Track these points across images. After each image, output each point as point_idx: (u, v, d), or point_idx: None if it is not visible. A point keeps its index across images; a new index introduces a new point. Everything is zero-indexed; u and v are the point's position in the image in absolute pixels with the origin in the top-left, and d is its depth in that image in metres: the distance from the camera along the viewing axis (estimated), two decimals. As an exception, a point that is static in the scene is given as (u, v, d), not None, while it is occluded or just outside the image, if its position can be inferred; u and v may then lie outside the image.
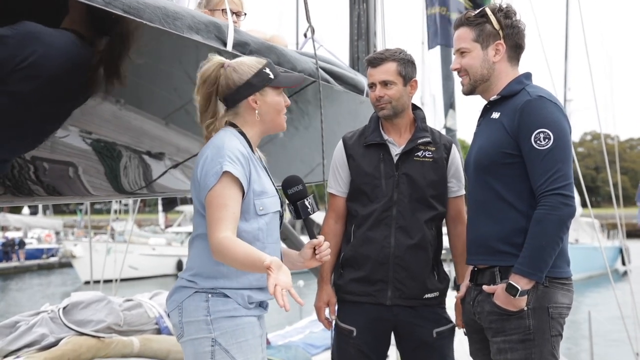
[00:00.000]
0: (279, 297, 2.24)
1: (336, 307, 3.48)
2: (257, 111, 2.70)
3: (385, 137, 3.38)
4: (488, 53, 3.00)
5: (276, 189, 2.78)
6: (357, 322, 3.35)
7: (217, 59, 2.72)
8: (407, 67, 3.37)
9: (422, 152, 3.36)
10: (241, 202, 2.59)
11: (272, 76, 2.71)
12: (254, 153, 2.73)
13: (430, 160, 3.36)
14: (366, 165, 3.36)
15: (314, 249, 2.75)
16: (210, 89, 2.69)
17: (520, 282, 2.80)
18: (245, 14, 3.82)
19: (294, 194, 2.78)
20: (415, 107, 3.48)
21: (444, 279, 3.42)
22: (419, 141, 3.36)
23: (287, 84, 2.77)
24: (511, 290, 2.81)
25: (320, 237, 2.77)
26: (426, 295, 3.34)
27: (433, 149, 3.38)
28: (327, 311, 3.47)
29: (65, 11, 2.34)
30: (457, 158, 3.47)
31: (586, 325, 8.45)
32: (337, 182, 3.45)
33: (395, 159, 3.35)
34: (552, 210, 2.77)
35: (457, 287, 3.42)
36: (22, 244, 34.27)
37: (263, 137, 2.86)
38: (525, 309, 2.85)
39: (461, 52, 3.04)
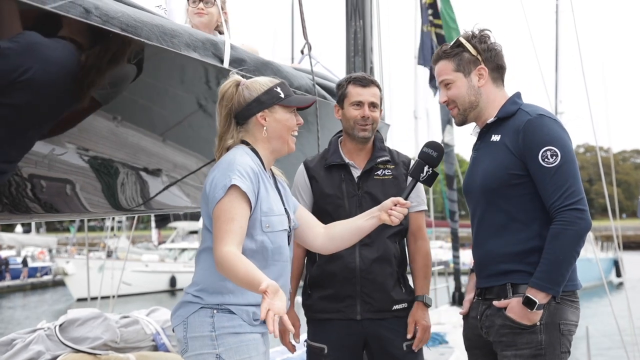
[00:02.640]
0: (269, 323, 2.23)
1: (301, 330, 3.50)
2: (265, 127, 2.73)
3: (346, 159, 3.44)
4: (472, 79, 3.02)
5: (285, 209, 2.78)
6: (327, 339, 3.38)
7: (234, 77, 2.77)
8: (381, 96, 3.49)
9: (381, 170, 3.43)
10: (249, 217, 2.60)
11: (282, 95, 2.75)
12: (266, 171, 2.75)
13: (390, 177, 3.43)
14: (328, 186, 3.42)
15: (395, 205, 2.92)
16: (228, 106, 2.72)
17: (538, 296, 2.80)
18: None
19: (426, 154, 3.04)
20: None
21: (410, 291, 3.46)
22: (378, 160, 3.43)
23: (295, 103, 2.79)
24: (529, 303, 2.80)
25: (408, 202, 2.96)
26: (395, 307, 3.38)
27: (392, 166, 3.45)
28: (291, 336, 3.48)
29: (64, 28, 2.36)
30: None
31: (582, 338, 8.45)
32: None
33: (357, 179, 3.41)
34: (569, 225, 2.78)
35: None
36: (25, 262, 34.18)
37: None
38: (538, 324, 2.84)
39: (445, 84, 3.07)
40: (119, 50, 2.60)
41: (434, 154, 3.02)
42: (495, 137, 2.99)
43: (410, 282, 3.53)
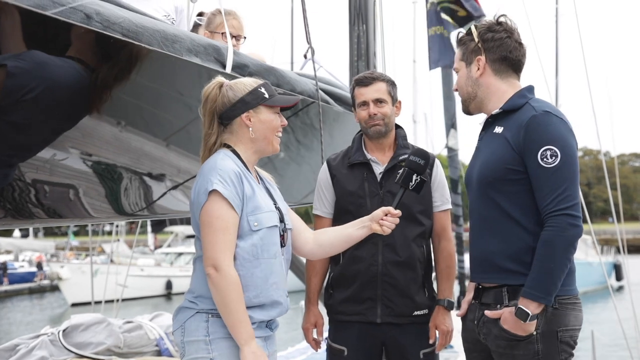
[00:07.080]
0: None
1: (324, 328, 3.49)
2: (250, 128, 2.74)
3: (369, 156, 3.41)
4: (471, 70, 2.99)
5: (276, 207, 2.78)
6: (347, 341, 3.37)
7: (218, 79, 2.78)
8: (394, 88, 3.46)
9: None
10: (238, 220, 2.61)
11: (266, 95, 2.75)
12: (249, 172, 2.74)
13: None
14: (350, 184, 3.38)
15: (385, 215, 2.89)
16: (212, 107, 2.73)
17: (530, 307, 2.71)
18: (245, 38, 3.86)
19: (413, 162, 2.98)
20: (396, 126, 3.53)
21: (433, 297, 3.44)
22: (401, 158, 3.36)
23: (280, 103, 2.80)
24: (521, 315, 2.72)
25: (398, 212, 2.91)
26: (415, 312, 3.36)
27: None
28: (314, 332, 3.49)
29: (68, 39, 2.35)
30: (440, 173, 3.49)
31: (587, 341, 8.43)
32: (322, 204, 3.47)
33: (379, 177, 3.37)
34: (560, 231, 2.70)
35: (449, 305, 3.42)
36: (39, 266, 34.04)
37: (263, 157, 2.87)
38: (534, 333, 2.76)
39: (456, 72, 3.08)
40: (122, 61, 2.60)
41: (421, 161, 2.99)
42: (498, 129, 2.92)
43: (434, 286, 3.49)
